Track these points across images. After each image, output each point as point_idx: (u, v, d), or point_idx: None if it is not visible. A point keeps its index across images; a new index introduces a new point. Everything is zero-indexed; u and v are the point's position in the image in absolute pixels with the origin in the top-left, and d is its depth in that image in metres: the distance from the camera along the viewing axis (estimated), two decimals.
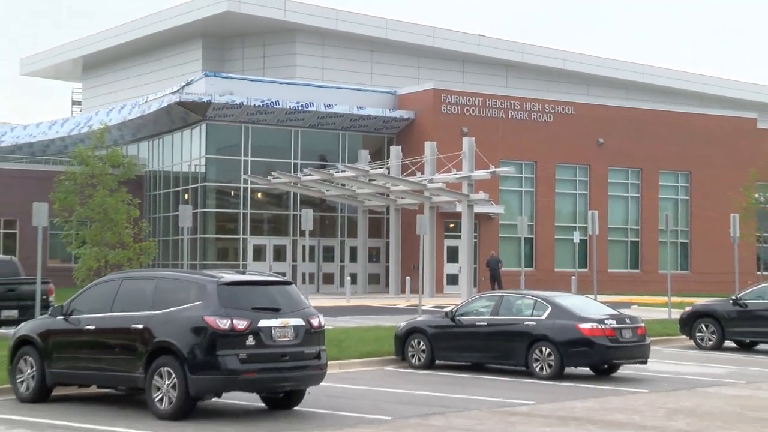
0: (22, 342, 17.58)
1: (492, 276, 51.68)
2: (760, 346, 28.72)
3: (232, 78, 60.00)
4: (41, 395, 17.07)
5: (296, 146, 57.96)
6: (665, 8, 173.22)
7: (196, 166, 57.80)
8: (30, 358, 17.24)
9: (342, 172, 53.48)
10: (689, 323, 29.51)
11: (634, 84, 75.26)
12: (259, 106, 55.85)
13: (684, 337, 29.59)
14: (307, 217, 42.08)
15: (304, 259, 51.13)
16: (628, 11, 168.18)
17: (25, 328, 18.31)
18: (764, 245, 66.62)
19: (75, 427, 14.63)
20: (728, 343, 28.72)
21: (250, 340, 15.25)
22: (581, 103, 63.16)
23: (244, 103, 55.56)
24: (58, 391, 17.44)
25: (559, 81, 71.72)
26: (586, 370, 21.63)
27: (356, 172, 52.82)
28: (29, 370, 17.22)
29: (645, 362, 22.07)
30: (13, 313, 28.44)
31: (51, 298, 28.16)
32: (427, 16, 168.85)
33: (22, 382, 17.31)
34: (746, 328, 28.52)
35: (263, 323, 15.40)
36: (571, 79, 72.53)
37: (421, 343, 22.90)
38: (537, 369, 21.13)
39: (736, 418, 16.19)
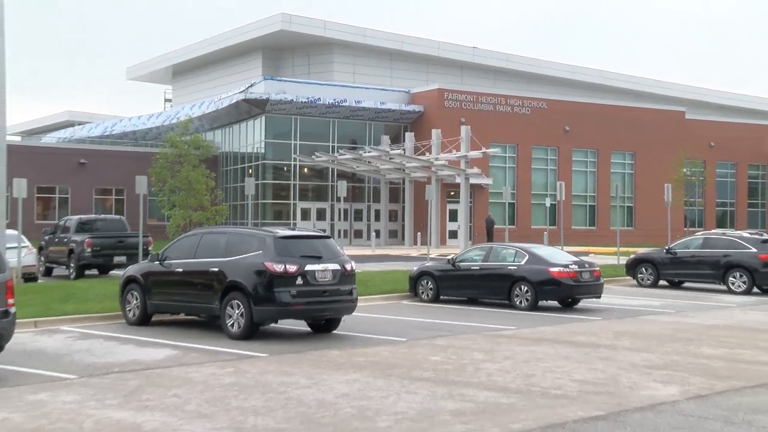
0: (129, 280, 17.75)
1: (488, 231, 51.70)
2: (686, 284, 28.64)
3: (284, 81, 59.96)
4: (143, 320, 17.30)
5: (333, 133, 57.99)
6: (620, 24, 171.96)
7: (257, 148, 57.84)
8: (135, 292, 17.46)
9: (368, 152, 53.47)
10: (632, 267, 29.54)
11: (592, 85, 75.01)
12: (305, 102, 55.87)
13: (629, 278, 29.54)
14: (342, 187, 42.20)
15: (339, 219, 51.27)
16: (590, 27, 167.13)
17: (131, 269, 18.51)
18: (689, 207, 66.64)
19: (170, 344, 14.75)
20: (662, 282, 28.70)
21: (299, 281, 15.36)
22: (552, 99, 62.92)
23: (294, 100, 55.60)
24: (155, 318, 17.61)
25: (535, 82, 71.42)
26: (554, 303, 21.64)
27: (379, 152, 52.89)
28: (135, 302, 17.46)
29: (599, 297, 22.07)
30: (122, 259, 28.82)
31: (150, 248, 28.47)
32: (435, 29, 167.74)
33: (129, 310, 17.56)
34: (675, 270, 28.50)
35: (309, 267, 15.48)
36: (544, 81, 72.24)
37: (429, 283, 22.96)
38: (517, 302, 21.13)
39: (668, 338, 16.15)
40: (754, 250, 26.95)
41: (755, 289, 26.64)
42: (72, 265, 29.21)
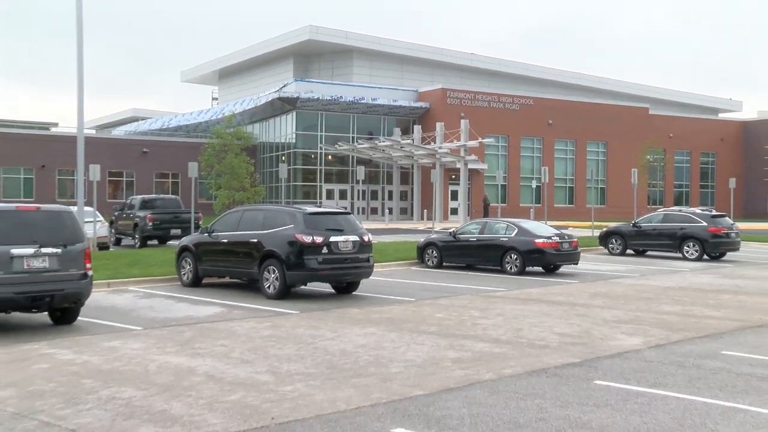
0: (183, 249, 17.77)
1: (485, 208, 51.68)
2: (649, 253, 28.54)
3: (311, 82, 59.74)
4: (195, 282, 17.30)
5: (353, 126, 57.79)
6: (593, 34, 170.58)
7: (289, 138, 57.71)
8: (188, 259, 17.48)
9: (383, 142, 53.29)
10: (604, 239, 29.45)
11: (571, 85, 74.36)
12: (329, 100, 55.67)
13: (601, 247, 29.44)
14: (360, 172, 41.89)
15: (358, 198, 51.28)
16: (569, 37, 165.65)
17: (185, 240, 18.51)
18: (652, 188, 66.37)
19: (217, 302, 14.76)
20: (629, 251, 28.59)
21: (325, 250, 15.30)
22: (537, 97, 62.47)
23: (320, 98, 55.40)
24: (205, 281, 17.63)
25: (523, 83, 70.76)
26: (539, 269, 21.55)
27: (392, 142, 52.78)
28: (188, 267, 17.48)
29: (576, 264, 22.01)
30: (178, 231, 28.89)
31: (200, 222, 28.49)
32: (439, 37, 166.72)
33: (184, 274, 17.59)
34: (640, 241, 28.38)
35: (333, 239, 15.43)
36: (530, 82, 71.58)
37: (434, 252, 22.93)
38: (508, 268, 21.09)
39: (633, 297, 16.09)
40: (705, 224, 27.02)
41: (705, 257, 26.68)
42: (137, 236, 29.33)
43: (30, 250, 11.41)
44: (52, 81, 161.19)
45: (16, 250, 11.30)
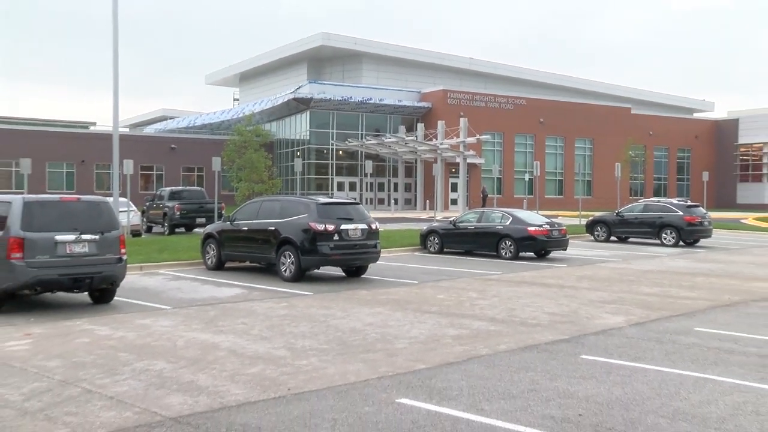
0: (208, 236, 17.77)
1: (483, 199, 51.57)
2: (630, 239, 28.45)
3: (324, 84, 59.48)
4: (218, 266, 17.31)
5: (362, 124, 57.60)
6: (579, 41, 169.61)
7: (303, 135, 57.55)
8: (212, 245, 17.48)
9: (389, 139, 53.08)
10: (590, 227, 29.36)
11: (560, 87, 73.91)
12: (339, 100, 55.49)
13: (588, 235, 29.37)
14: (368, 165, 42.05)
15: (366, 190, 51.28)
16: (558, 42, 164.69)
17: (209, 228, 18.50)
18: (634, 181, 66.12)
19: (238, 284, 14.77)
20: (612, 238, 28.53)
21: (336, 237, 15.29)
22: (529, 98, 62.17)
23: (331, 99, 55.21)
24: (227, 265, 17.66)
25: (516, 85, 70.31)
26: (531, 255, 21.53)
27: (397, 138, 52.54)
28: (212, 252, 17.47)
29: (565, 249, 21.98)
30: (203, 220, 28.88)
31: (223, 212, 28.44)
32: (440, 43, 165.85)
33: (208, 258, 17.59)
34: (623, 229, 28.33)
35: (343, 227, 15.41)
36: (523, 84, 71.15)
37: (435, 238, 22.89)
38: (503, 254, 21.06)
39: (616, 279, 16.06)
40: (681, 213, 26.96)
41: (681, 243, 26.61)
42: (166, 224, 29.36)
43: (71, 237, 11.51)
44: (90, 83, 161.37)
45: (59, 237, 11.41)
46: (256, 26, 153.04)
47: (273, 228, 15.85)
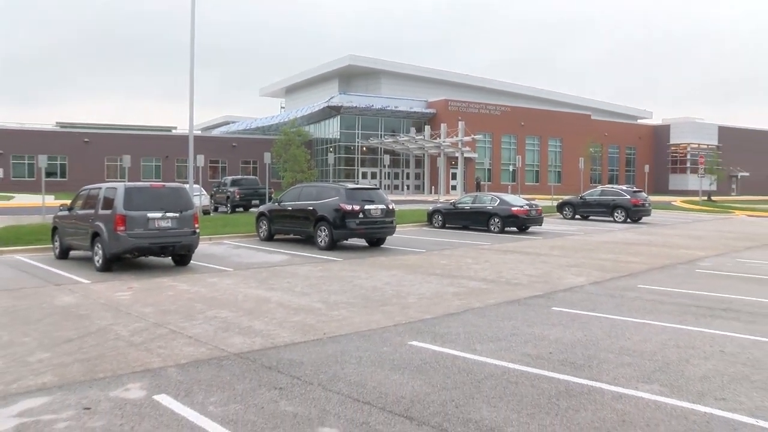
0: (261, 214, 17.72)
1: (477, 185, 51.15)
2: (591, 218, 28.14)
3: (351, 95, 59.03)
4: (269, 238, 17.28)
5: (381, 126, 57.23)
6: (552, 61, 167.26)
7: (335, 135, 57.22)
8: (264, 222, 17.44)
9: (402, 138, 52.84)
10: (560, 207, 29.08)
11: (537, 98, 73.02)
12: (363, 107, 55.16)
13: (558, 214, 29.13)
14: (386, 159, 41.64)
15: (385, 178, 51.02)
16: (536, 61, 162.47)
17: (261, 208, 18.35)
18: (593, 172, 65.39)
19: (284, 252, 14.71)
20: (577, 217, 28.25)
21: (361, 215, 15.22)
22: (513, 106, 61.52)
23: (357, 106, 54.86)
24: (276, 237, 17.67)
25: (503, 96, 69.38)
26: (514, 229, 21.35)
27: (409, 138, 52.29)
28: (264, 227, 17.44)
29: (541, 225, 21.81)
30: (257, 202, 28.84)
31: (272, 195, 28.45)
32: (443, 60, 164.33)
33: (260, 232, 17.55)
34: (585, 209, 28.05)
35: (366, 207, 15.33)
36: (508, 95, 70.22)
37: (439, 216, 22.76)
38: (492, 229, 20.91)
39: (580, 248, 15.86)
40: (628, 197, 26.90)
41: (628, 220, 26.40)
42: (228, 205, 29.40)
43: (159, 214, 11.69)
44: (172, 96, 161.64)
45: (150, 214, 11.61)
46: (297, 47, 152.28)
47: (311, 208, 15.80)
